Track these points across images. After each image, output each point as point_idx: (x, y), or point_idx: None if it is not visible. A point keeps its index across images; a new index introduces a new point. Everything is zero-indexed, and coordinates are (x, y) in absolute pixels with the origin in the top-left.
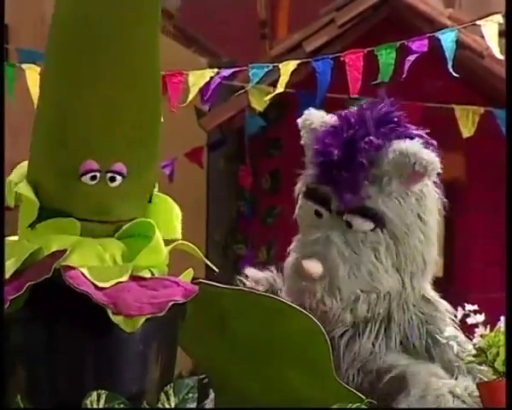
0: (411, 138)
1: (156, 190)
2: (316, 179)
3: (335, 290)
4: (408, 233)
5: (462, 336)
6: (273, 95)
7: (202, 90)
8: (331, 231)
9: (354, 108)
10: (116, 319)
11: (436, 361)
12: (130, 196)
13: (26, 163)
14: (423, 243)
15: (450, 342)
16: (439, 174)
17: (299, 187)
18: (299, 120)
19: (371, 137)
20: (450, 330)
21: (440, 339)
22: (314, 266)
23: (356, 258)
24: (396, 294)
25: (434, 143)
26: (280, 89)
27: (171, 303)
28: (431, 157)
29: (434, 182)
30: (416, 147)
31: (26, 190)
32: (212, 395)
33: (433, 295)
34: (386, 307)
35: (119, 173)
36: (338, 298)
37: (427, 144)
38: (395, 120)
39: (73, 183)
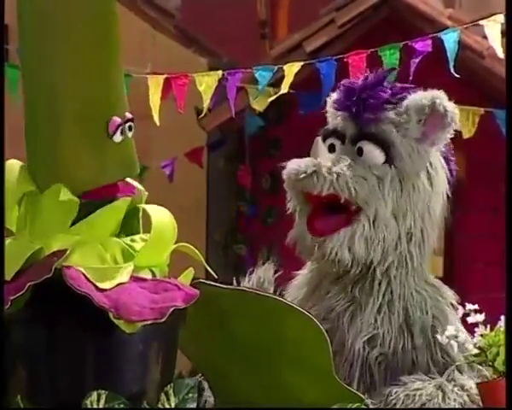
0: None
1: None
2: (338, 103)
3: (335, 177)
4: (414, 183)
5: (463, 334)
6: (276, 96)
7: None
8: (342, 155)
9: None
10: (117, 321)
11: (436, 348)
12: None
13: (13, 163)
14: (426, 208)
15: (452, 342)
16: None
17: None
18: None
19: (395, 84)
20: (453, 324)
21: (443, 325)
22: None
23: (363, 171)
24: (392, 243)
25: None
26: (283, 90)
27: (171, 309)
28: (452, 105)
29: (445, 158)
30: (439, 93)
31: (63, 192)
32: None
33: (436, 280)
34: (383, 258)
35: (133, 120)
36: (336, 185)
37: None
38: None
39: (106, 145)
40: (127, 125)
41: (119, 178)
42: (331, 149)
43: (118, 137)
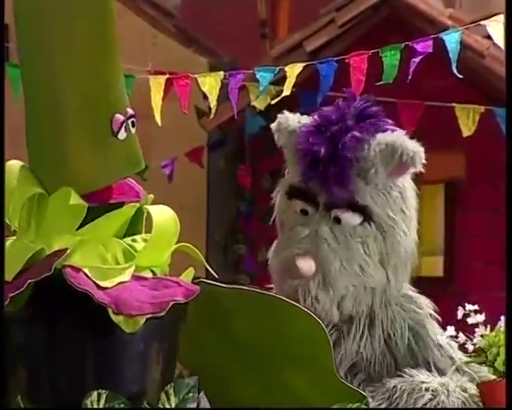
0: (393, 131)
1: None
2: (303, 177)
3: (329, 286)
4: (393, 226)
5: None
6: (279, 98)
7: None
8: (319, 227)
9: (330, 107)
10: (117, 319)
11: (419, 359)
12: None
13: (14, 164)
14: (406, 236)
15: (451, 342)
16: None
17: (281, 189)
18: (274, 125)
19: (355, 132)
20: (434, 328)
21: (423, 336)
22: (307, 264)
23: (347, 252)
24: (381, 289)
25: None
26: (286, 92)
27: (171, 303)
28: (416, 147)
29: (412, 176)
30: (401, 138)
31: (73, 197)
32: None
33: (412, 292)
34: (370, 303)
35: (135, 116)
36: (331, 294)
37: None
38: (373, 114)
39: (110, 143)
40: (130, 121)
41: (125, 176)
42: (303, 212)
43: (122, 135)
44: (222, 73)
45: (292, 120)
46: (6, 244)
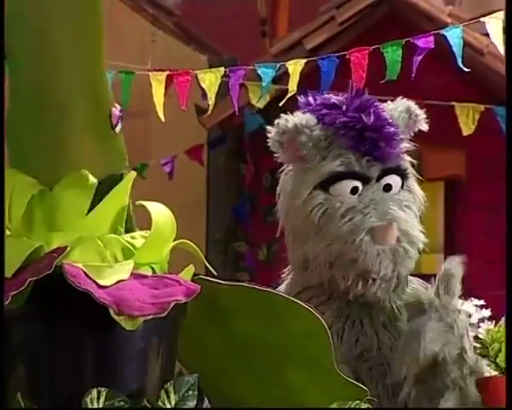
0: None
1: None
2: (352, 146)
3: (413, 239)
4: (417, 192)
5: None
6: (285, 98)
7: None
8: (379, 195)
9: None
10: (117, 318)
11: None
12: None
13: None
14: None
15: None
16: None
17: (305, 190)
18: (274, 132)
19: (375, 102)
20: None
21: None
22: (393, 230)
23: (409, 214)
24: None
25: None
26: (291, 90)
27: (173, 304)
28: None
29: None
30: (410, 103)
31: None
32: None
33: (415, 284)
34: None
35: (123, 111)
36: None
37: None
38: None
39: (110, 136)
40: (121, 114)
41: (122, 169)
42: (353, 191)
43: (118, 129)
44: (222, 69)
45: (289, 120)
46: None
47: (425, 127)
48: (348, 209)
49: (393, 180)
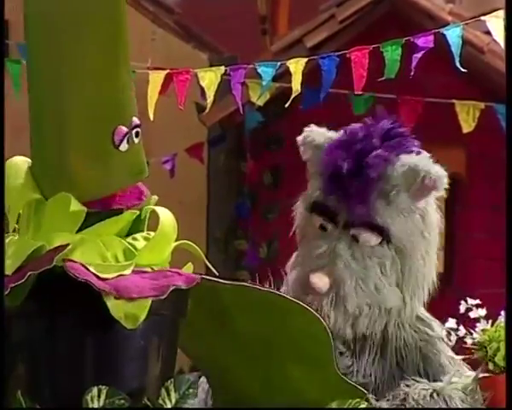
0: (418, 153)
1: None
2: (324, 190)
3: (341, 305)
4: (412, 249)
5: (456, 357)
6: (291, 98)
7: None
8: (337, 244)
9: (357, 124)
10: (118, 315)
11: (431, 381)
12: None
13: (17, 163)
14: (425, 261)
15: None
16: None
17: (302, 203)
18: (300, 138)
19: (379, 151)
20: (445, 351)
21: (434, 360)
22: (321, 280)
23: (363, 272)
24: (395, 311)
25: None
26: (295, 89)
27: (172, 287)
28: (440, 171)
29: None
30: (425, 160)
31: (73, 203)
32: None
33: (426, 315)
34: (384, 324)
35: (139, 126)
36: (343, 312)
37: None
38: (400, 134)
39: (111, 154)
40: (134, 131)
41: (125, 186)
42: (322, 228)
43: (124, 147)
44: (223, 67)
45: (318, 134)
46: (6, 241)
47: (441, 193)
48: (308, 243)
49: (362, 235)
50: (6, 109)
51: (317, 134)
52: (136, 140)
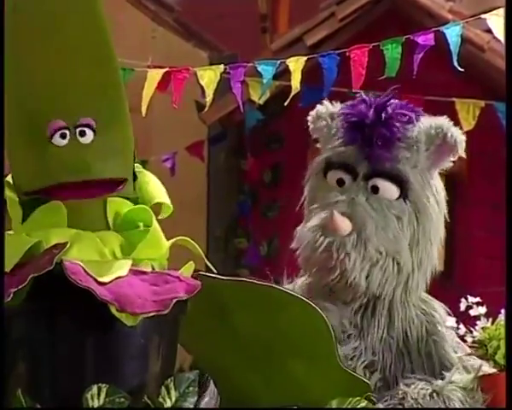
0: None
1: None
2: (346, 141)
3: (362, 246)
4: (427, 212)
5: (457, 339)
6: (291, 97)
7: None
8: (357, 195)
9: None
10: (117, 313)
11: (436, 364)
12: (108, 153)
13: None
14: (434, 233)
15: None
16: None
17: (313, 169)
18: (312, 113)
19: (403, 106)
20: (449, 333)
21: (440, 342)
22: (345, 222)
23: (383, 220)
24: (404, 275)
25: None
26: (294, 87)
27: (174, 301)
28: (459, 133)
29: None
30: (447, 122)
31: (6, 189)
32: (211, 387)
33: (430, 297)
34: (392, 292)
35: (88, 126)
36: (363, 256)
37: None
38: (413, 109)
39: (44, 147)
40: (78, 129)
41: (62, 181)
42: (340, 183)
43: (57, 141)
44: (222, 66)
45: (331, 106)
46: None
47: (456, 156)
48: (320, 198)
49: (383, 185)
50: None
51: (330, 106)
52: (81, 139)
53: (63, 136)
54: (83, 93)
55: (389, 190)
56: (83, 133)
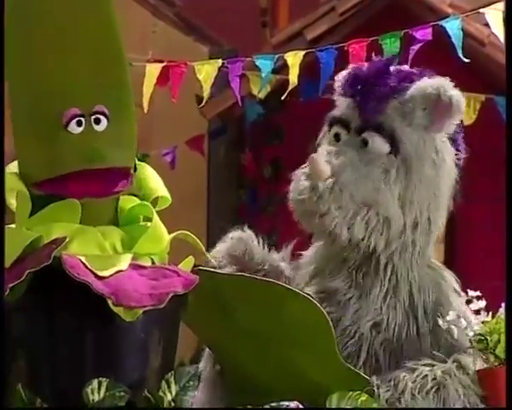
0: None
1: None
2: (343, 94)
3: (338, 192)
4: (419, 169)
5: (467, 318)
6: (288, 91)
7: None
8: (345, 147)
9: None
10: (116, 309)
11: (441, 332)
12: (120, 141)
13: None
14: (432, 197)
15: (451, 326)
16: (460, 128)
17: (323, 127)
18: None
19: (400, 67)
20: (455, 308)
21: (446, 309)
22: (324, 165)
23: (365, 169)
24: (396, 233)
25: None
26: (292, 82)
27: (170, 295)
28: (457, 93)
29: (453, 141)
30: (444, 82)
31: (15, 182)
32: (206, 351)
33: (438, 264)
34: (384, 243)
35: (103, 114)
36: (339, 200)
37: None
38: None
39: (60, 135)
40: (93, 117)
41: (76, 170)
42: (336, 137)
43: (73, 128)
44: (220, 60)
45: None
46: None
47: (457, 117)
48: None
49: (372, 138)
50: (6, 109)
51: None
52: (96, 127)
53: (79, 123)
54: (96, 83)
55: (378, 143)
56: (97, 121)
